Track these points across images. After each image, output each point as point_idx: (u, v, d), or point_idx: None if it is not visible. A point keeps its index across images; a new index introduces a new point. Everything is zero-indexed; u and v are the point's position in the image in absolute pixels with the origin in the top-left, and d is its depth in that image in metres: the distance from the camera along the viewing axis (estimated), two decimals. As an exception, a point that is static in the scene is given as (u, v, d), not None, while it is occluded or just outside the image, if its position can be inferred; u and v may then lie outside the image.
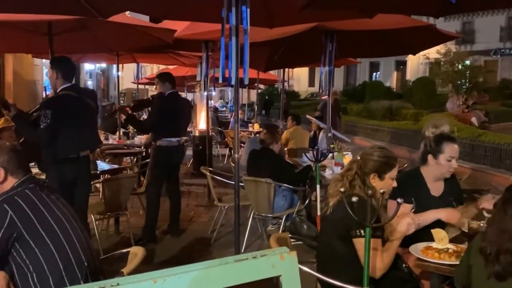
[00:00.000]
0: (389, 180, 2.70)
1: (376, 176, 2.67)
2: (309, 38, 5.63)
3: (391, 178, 2.70)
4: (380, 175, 2.68)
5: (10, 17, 4.68)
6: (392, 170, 2.70)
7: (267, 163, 5.05)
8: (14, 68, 12.45)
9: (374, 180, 2.67)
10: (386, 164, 2.69)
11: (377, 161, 2.68)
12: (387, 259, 2.53)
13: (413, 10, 4.36)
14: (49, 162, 4.05)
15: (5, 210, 2.14)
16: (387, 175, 2.69)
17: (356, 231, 2.49)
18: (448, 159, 3.05)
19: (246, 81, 3.50)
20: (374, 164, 2.68)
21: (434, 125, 3.15)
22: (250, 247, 4.99)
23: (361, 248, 2.46)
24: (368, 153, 2.74)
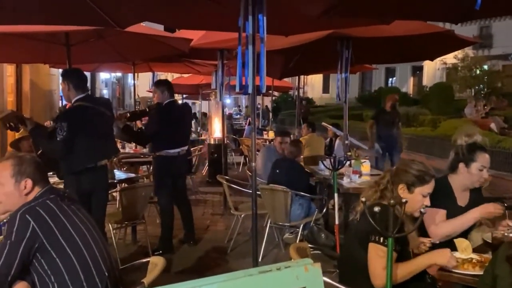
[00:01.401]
0: (418, 195, 2.61)
1: (405, 188, 2.61)
2: (325, 45, 5.60)
3: (422, 194, 2.61)
4: (409, 187, 2.61)
5: (28, 28, 4.74)
6: (423, 185, 2.61)
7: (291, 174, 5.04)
8: (31, 78, 12.64)
9: (402, 191, 2.60)
10: (418, 177, 2.61)
11: (409, 173, 2.62)
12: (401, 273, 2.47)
13: (432, 16, 4.31)
14: (67, 172, 4.07)
15: (27, 220, 2.15)
16: (417, 190, 2.61)
17: (376, 236, 2.44)
18: (480, 169, 2.99)
19: (263, 89, 3.49)
20: (405, 175, 2.62)
21: (467, 134, 3.09)
22: (267, 257, 4.95)
23: (373, 254, 2.43)
24: (404, 164, 2.71)
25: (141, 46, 6.11)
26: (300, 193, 4.91)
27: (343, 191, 4.77)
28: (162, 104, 5.17)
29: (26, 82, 12.58)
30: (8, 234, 2.15)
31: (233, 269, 4.59)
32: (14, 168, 2.30)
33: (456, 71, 22.99)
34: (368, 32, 4.97)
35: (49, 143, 3.97)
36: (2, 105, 10.77)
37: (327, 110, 24.32)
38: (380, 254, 2.40)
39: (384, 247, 2.32)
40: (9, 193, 2.29)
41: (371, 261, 2.45)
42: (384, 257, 2.35)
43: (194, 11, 3.86)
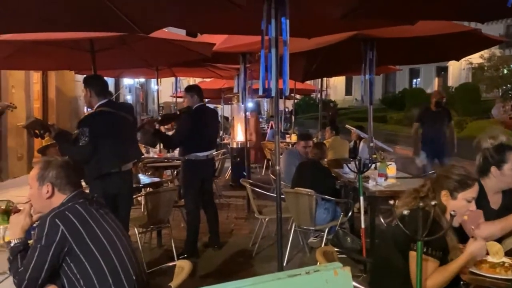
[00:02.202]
0: (463, 201, 2.51)
1: (448, 194, 2.51)
2: (348, 47, 5.55)
3: (466, 200, 2.51)
4: (452, 194, 2.51)
5: (54, 35, 4.83)
6: (467, 190, 2.51)
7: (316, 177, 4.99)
8: (57, 85, 12.90)
9: (445, 198, 2.51)
10: (460, 182, 2.51)
11: (451, 178, 2.52)
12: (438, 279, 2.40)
13: (459, 16, 4.22)
14: (92, 177, 4.12)
15: (57, 225, 2.18)
16: (461, 195, 2.51)
17: (413, 244, 2.38)
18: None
19: (287, 92, 3.48)
20: (447, 181, 2.53)
21: (491, 136, 3.00)
22: (292, 261, 4.91)
23: (412, 261, 2.36)
24: (445, 170, 2.61)
25: (164, 52, 6.17)
26: (325, 196, 4.86)
27: (369, 194, 4.70)
28: (192, 108, 5.22)
29: (52, 89, 12.84)
30: (38, 238, 2.19)
31: (258, 273, 4.61)
32: (39, 172, 2.35)
33: (483, 71, 22.52)
34: (392, 33, 4.91)
35: (72, 149, 4.02)
36: (29, 112, 11.01)
37: (350, 112, 24.13)
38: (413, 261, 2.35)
39: (425, 255, 2.27)
40: (35, 195, 2.36)
41: (412, 270, 2.37)
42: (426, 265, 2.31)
43: (217, 16, 3.86)
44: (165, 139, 5.71)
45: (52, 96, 12.84)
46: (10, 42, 5.13)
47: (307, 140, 6.28)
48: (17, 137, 10.65)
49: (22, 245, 2.27)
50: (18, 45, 5.40)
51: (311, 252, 5.18)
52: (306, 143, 6.10)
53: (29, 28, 4.21)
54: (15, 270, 2.19)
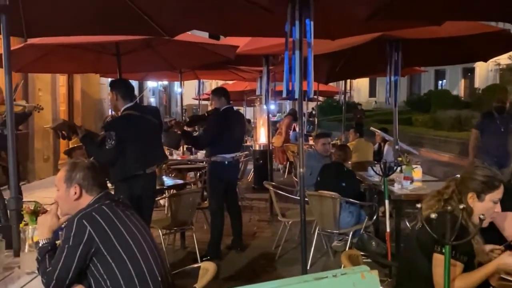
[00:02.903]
0: (489, 203, 2.45)
1: (475, 196, 2.46)
2: (372, 48, 5.48)
3: (493, 201, 2.46)
4: (479, 195, 2.46)
5: (80, 39, 4.91)
6: (494, 191, 2.46)
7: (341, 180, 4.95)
8: (82, 87, 13.12)
9: (472, 200, 2.46)
10: (486, 184, 2.46)
11: (477, 180, 2.47)
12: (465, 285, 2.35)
13: (487, 16, 4.13)
14: (117, 179, 4.16)
15: (84, 225, 2.20)
16: (488, 197, 2.45)
17: (438, 246, 2.34)
18: None
19: (311, 94, 3.46)
20: (473, 182, 2.48)
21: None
22: (315, 264, 4.87)
23: (437, 264, 2.33)
24: (469, 171, 2.56)
25: (188, 54, 6.21)
26: (349, 200, 4.80)
27: (394, 197, 4.63)
28: (220, 109, 5.25)
29: (77, 92, 13.07)
30: (66, 239, 2.21)
31: (281, 276, 4.58)
32: (66, 174, 2.38)
33: (511, 72, 22.01)
34: (418, 34, 4.82)
35: (98, 151, 4.06)
36: (55, 114, 11.22)
37: (374, 114, 23.87)
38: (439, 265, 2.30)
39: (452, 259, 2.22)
40: (62, 197, 2.38)
41: (435, 273, 2.34)
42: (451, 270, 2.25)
43: (242, 18, 3.87)
44: (192, 140, 5.78)
45: (78, 98, 13.07)
46: (38, 46, 5.25)
47: (325, 137, 6.24)
48: (44, 139, 10.86)
49: (50, 245, 2.30)
50: (46, 49, 5.51)
51: (335, 255, 5.13)
52: (325, 140, 6.07)
53: (57, 32, 4.29)
54: (43, 270, 2.22)
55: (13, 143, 2.82)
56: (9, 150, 2.84)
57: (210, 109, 5.69)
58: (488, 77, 27.01)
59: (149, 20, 3.70)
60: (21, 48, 5.11)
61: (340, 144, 6.35)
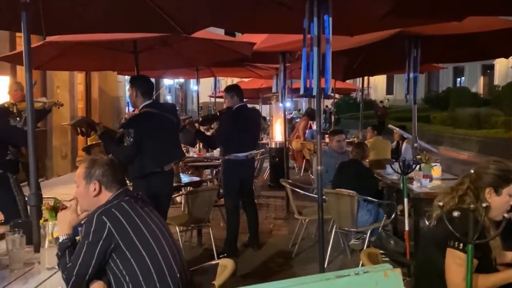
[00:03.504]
0: (506, 197, 2.44)
1: (492, 191, 2.43)
2: (390, 44, 5.41)
3: (509, 194, 2.44)
4: (497, 190, 2.43)
5: (98, 37, 4.94)
6: (510, 185, 2.44)
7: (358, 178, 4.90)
8: (100, 85, 13.24)
9: (490, 195, 2.43)
10: (503, 178, 2.44)
11: (493, 174, 2.45)
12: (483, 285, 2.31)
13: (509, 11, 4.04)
14: (135, 176, 4.18)
15: (103, 221, 2.21)
16: (505, 190, 2.43)
17: (454, 242, 2.31)
18: None
19: (329, 91, 3.43)
20: (489, 177, 2.45)
21: None
22: (333, 263, 4.83)
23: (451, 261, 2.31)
24: (483, 166, 2.53)
25: (205, 52, 6.21)
26: (367, 198, 4.76)
27: (413, 196, 4.58)
28: (233, 108, 5.22)
29: (95, 89, 13.19)
30: (85, 235, 2.23)
31: (298, 275, 4.55)
32: (86, 170, 2.39)
33: (532, 69, 21.61)
34: (438, 30, 4.75)
35: (117, 148, 4.09)
36: (73, 112, 11.34)
37: (391, 112, 23.67)
38: (458, 262, 2.27)
39: (463, 254, 2.21)
40: (82, 193, 2.40)
41: (448, 269, 2.32)
42: (463, 265, 2.22)
43: (259, 15, 3.85)
44: (206, 139, 5.78)
45: (95, 96, 13.19)
46: (56, 43, 5.29)
47: (339, 134, 6.20)
48: (62, 137, 10.99)
49: (70, 241, 2.31)
50: (64, 46, 5.55)
51: (352, 254, 5.09)
52: (340, 137, 6.02)
53: (75, 30, 4.32)
54: (63, 265, 2.23)
55: (33, 139, 2.84)
56: (29, 146, 2.86)
57: (224, 107, 5.67)
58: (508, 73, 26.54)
59: (166, 18, 3.70)
60: (40, 46, 5.15)
61: (358, 142, 6.29)
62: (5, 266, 2.49)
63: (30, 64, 2.87)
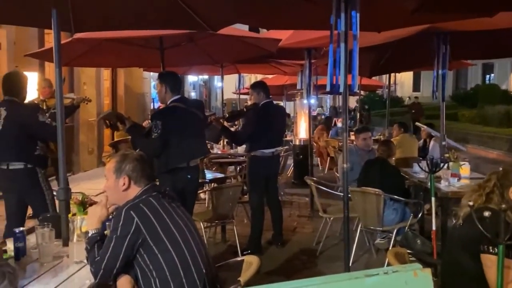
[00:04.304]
0: None
1: None
2: (418, 41, 5.32)
3: None
4: None
5: (125, 33, 4.98)
6: None
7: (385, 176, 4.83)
8: (125, 82, 13.41)
9: None
10: None
11: None
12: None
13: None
14: (161, 171, 4.21)
15: (131, 216, 2.24)
16: None
17: (485, 246, 2.25)
18: None
19: (356, 88, 3.40)
20: None
21: None
22: (358, 261, 4.79)
23: (489, 265, 2.25)
24: (511, 164, 2.48)
25: (230, 48, 6.21)
26: (394, 196, 4.68)
27: (441, 195, 4.49)
28: (259, 104, 5.21)
29: (120, 86, 13.37)
30: (114, 229, 2.26)
31: (323, 273, 4.52)
32: (116, 165, 2.42)
33: None
34: (468, 26, 4.63)
35: (144, 142, 4.12)
36: (100, 108, 11.51)
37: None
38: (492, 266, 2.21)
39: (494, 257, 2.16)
40: (111, 187, 2.42)
41: (488, 275, 2.26)
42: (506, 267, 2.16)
43: (286, 11, 3.82)
44: (231, 136, 5.79)
45: (121, 92, 13.37)
46: (84, 40, 5.37)
47: (365, 131, 6.11)
48: (88, 132, 11.18)
49: (99, 236, 2.35)
50: (92, 43, 5.63)
51: (377, 253, 5.03)
52: (366, 135, 5.94)
53: (103, 27, 4.36)
54: (92, 259, 2.27)
55: (63, 135, 2.89)
56: (59, 142, 2.91)
57: (249, 103, 5.66)
58: (540, 71, 25.83)
59: (193, 14, 3.71)
60: (68, 43, 5.23)
61: (384, 140, 6.20)
62: (35, 259, 2.54)
63: (60, 60, 2.91)
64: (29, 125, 3.88)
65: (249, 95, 5.67)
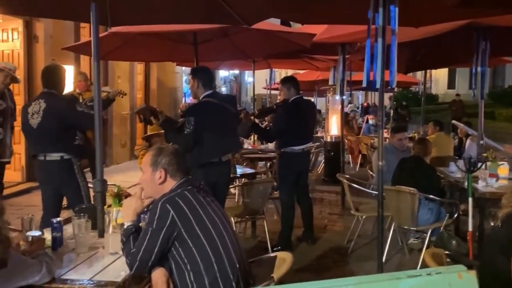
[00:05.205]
0: None
1: None
2: (456, 36, 5.18)
3: None
4: None
5: (159, 28, 5.01)
6: None
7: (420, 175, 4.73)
8: (158, 76, 13.56)
9: None
10: None
11: None
12: None
13: None
14: (194, 165, 4.22)
15: (167, 209, 2.25)
16: None
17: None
18: None
19: (394, 84, 3.30)
20: None
21: None
22: (390, 261, 4.70)
23: None
24: None
25: (263, 43, 6.18)
26: (429, 196, 4.57)
27: (478, 195, 4.37)
28: (289, 100, 5.16)
29: (153, 80, 13.53)
30: (150, 222, 2.27)
31: (355, 272, 4.45)
32: (152, 158, 2.43)
33: None
34: (507, 21, 4.47)
35: (177, 136, 4.13)
36: (133, 102, 11.68)
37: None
38: None
39: None
40: (147, 180, 2.43)
41: None
42: None
43: (322, 6, 3.76)
44: (261, 132, 5.76)
45: (154, 86, 13.52)
46: (120, 34, 5.43)
47: (402, 131, 5.98)
48: (121, 126, 11.36)
49: (134, 228, 2.37)
50: (127, 37, 5.69)
51: (410, 253, 4.93)
52: (402, 135, 5.80)
53: (138, 21, 4.40)
54: (127, 251, 2.29)
55: (100, 127, 2.92)
56: (96, 134, 2.95)
57: (279, 99, 5.61)
58: None
59: (228, 9, 3.70)
60: (104, 36, 5.30)
61: (420, 138, 6.06)
62: (71, 249, 2.59)
63: (98, 54, 2.94)
64: (68, 116, 3.95)
65: (279, 91, 5.61)
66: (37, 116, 3.94)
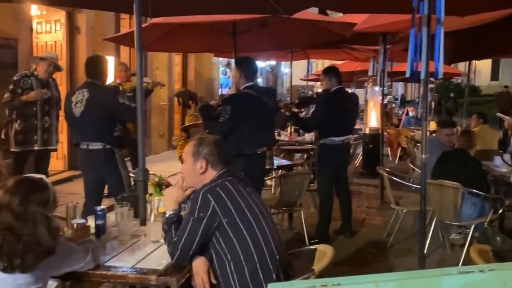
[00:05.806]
0: None
1: None
2: (503, 26, 4.97)
3: None
4: None
5: (198, 18, 5.02)
6: None
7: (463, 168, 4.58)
8: (195, 67, 13.65)
9: None
10: None
11: None
12: None
13: None
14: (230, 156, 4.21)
15: (208, 200, 2.26)
16: None
17: None
18: None
19: (440, 75, 3.21)
20: None
21: None
22: (431, 256, 4.59)
23: None
24: None
25: (302, 33, 6.11)
26: (473, 190, 4.42)
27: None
28: (330, 91, 5.09)
29: (191, 71, 13.63)
30: (191, 212, 2.29)
31: (394, 266, 4.36)
32: (194, 148, 2.45)
33: None
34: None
35: (213, 124, 4.12)
36: (171, 93, 11.79)
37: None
38: None
39: None
40: (189, 169, 2.45)
41: None
42: None
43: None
44: (301, 122, 5.71)
45: (191, 78, 13.63)
46: (160, 25, 5.48)
47: (451, 127, 5.76)
48: (160, 116, 11.52)
49: (176, 217, 2.40)
50: (166, 28, 5.74)
51: (452, 249, 4.80)
52: (450, 131, 5.58)
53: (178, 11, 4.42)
54: (169, 239, 2.32)
55: (142, 117, 2.96)
56: (138, 124, 2.98)
57: (320, 90, 5.54)
58: None
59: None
60: (145, 28, 5.35)
61: (464, 130, 5.84)
62: (114, 237, 2.64)
63: (141, 44, 2.97)
64: (110, 106, 4.02)
65: (320, 81, 5.54)
66: (80, 105, 4.02)
